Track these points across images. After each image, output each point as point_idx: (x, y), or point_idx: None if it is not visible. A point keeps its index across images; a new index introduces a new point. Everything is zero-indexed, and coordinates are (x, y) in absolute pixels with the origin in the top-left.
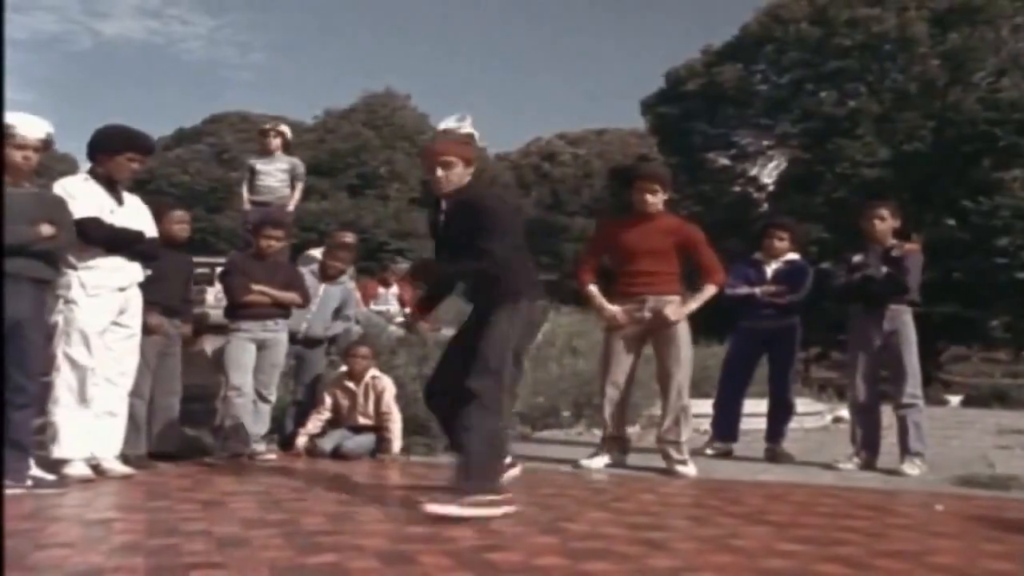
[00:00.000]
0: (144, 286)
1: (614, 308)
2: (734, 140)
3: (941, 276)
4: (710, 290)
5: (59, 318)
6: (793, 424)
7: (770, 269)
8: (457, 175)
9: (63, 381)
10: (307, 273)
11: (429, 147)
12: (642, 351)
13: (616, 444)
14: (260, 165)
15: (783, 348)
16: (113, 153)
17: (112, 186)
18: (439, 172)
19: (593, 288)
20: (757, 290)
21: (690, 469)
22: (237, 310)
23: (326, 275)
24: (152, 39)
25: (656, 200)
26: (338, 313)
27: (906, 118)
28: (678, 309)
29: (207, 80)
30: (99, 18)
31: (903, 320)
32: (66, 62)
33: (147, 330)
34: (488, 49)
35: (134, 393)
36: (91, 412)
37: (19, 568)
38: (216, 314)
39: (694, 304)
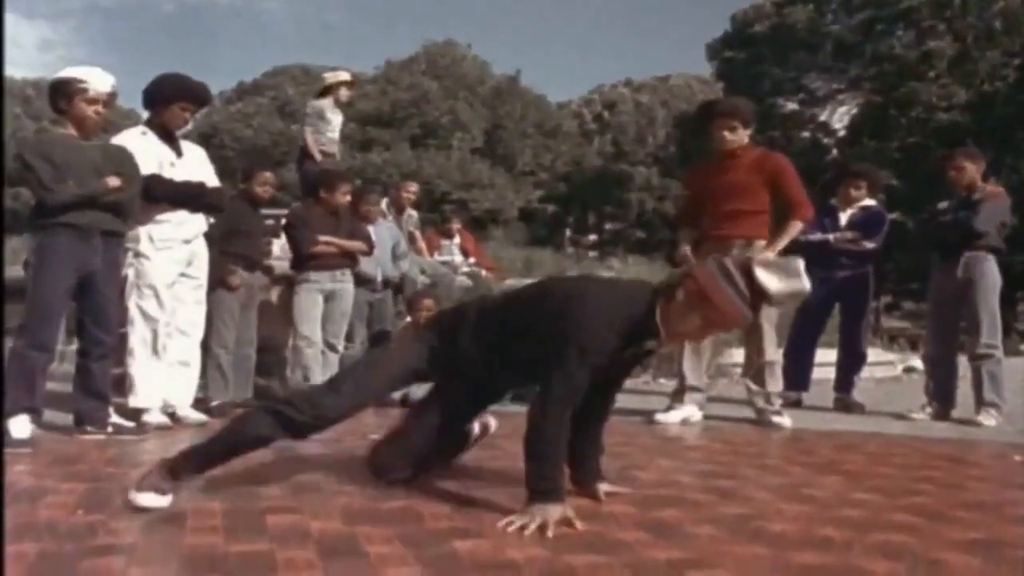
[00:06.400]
0: (228, 241)
1: (684, 247)
2: (804, 84)
3: (1019, 223)
4: (795, 227)
5: (130, 272)
6: (863, 374)
7: (845, 216)
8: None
9: (137, 333)
10: None
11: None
12: None
13: (693, 395)
14: (329, 114)
15: (856, 297)
16: (166, 102)
17: (170, 137)
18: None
19: (682, 232)
20: (831, 236)
21: (785, 420)
22: (305, 262)
23: (365, 220)
24: (234, 2)
25: (736, 137)
26: (396, 252)
27: (988, 57)
28: (765, 255)
29: (287, 40)
30: None
31: (980, 268)
32: (150, 25)
33: (229, 287)
34: None
35: (219, 344)
36: (164, 362)
37: (107, 509)
38: (281, 266)
39: (780, 243)
